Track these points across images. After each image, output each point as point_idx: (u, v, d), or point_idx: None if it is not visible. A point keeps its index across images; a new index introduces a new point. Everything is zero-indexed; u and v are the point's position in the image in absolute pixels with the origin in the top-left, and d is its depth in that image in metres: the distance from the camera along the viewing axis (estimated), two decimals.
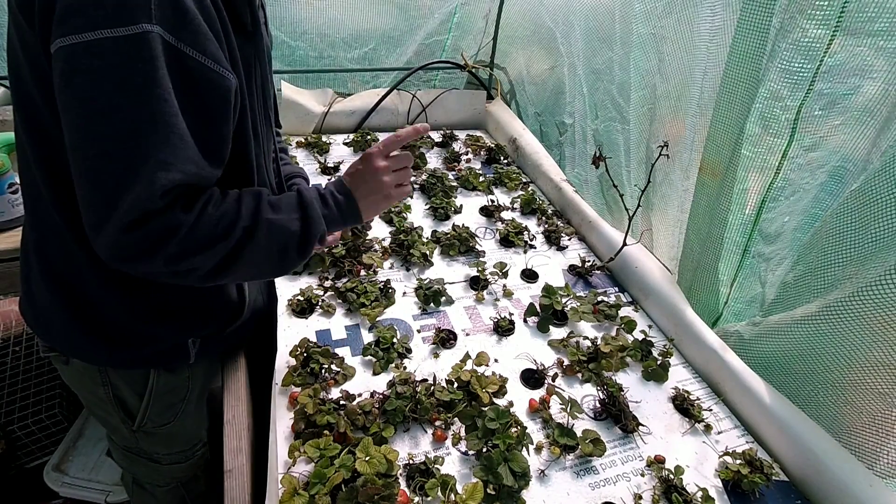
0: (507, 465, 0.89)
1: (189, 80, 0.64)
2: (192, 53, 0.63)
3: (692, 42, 1.20)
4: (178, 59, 0.62)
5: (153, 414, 0.96)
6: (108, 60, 0.58)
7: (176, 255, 0.67)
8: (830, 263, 0.96)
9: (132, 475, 1.14)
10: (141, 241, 0.65)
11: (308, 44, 1.97)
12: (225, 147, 0.72)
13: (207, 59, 0.65)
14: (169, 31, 0.60)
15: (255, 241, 0.73)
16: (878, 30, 0.88)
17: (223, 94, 0.68)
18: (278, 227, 0.75)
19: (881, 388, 0.91)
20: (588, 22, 1.63)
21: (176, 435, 1.03)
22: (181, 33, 0.62)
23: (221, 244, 0.70)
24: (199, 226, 0.68)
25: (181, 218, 0.67)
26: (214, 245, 0.70)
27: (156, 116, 0.61)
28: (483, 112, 2.24)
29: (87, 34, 0.57)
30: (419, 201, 1.70)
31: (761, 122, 1.06)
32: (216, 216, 0.70)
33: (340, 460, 0.86)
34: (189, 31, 0.62)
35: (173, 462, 1.07)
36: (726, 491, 0.97)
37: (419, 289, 1.30)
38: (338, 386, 1.06)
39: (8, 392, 1.48)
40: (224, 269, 0.72)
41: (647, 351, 1.21)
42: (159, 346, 0.89)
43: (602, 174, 1.56)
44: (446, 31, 2.14)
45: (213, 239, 0.70)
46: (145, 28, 0.58)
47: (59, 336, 0.86)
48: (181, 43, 0.62)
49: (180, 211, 0.67)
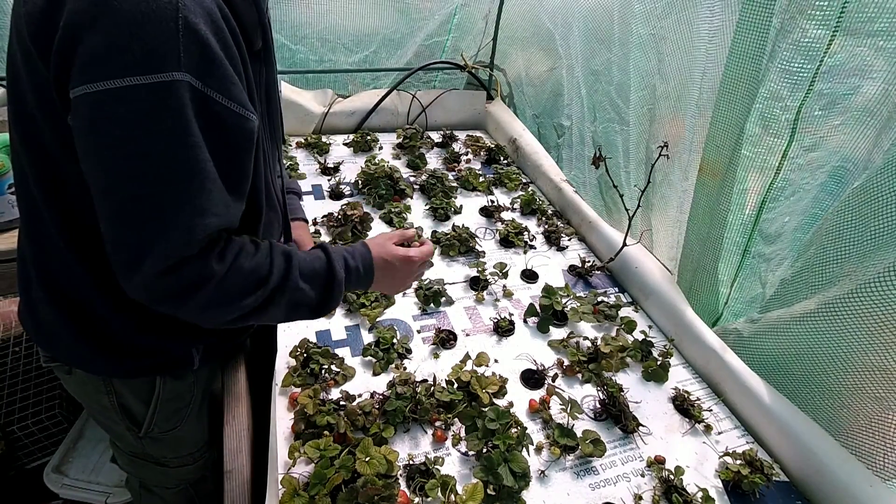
0: (507, 465, 0.89)
1: (216, 124, 0.64)
2: (218, 98, 0.64)
3: (691, 42, 1.20)
4: (206, 104, 0.63)
5: (159, 420, 0.96)
6: (137, 107, 0.58)
7: (205, 304, 0.68)
8: (829, 260, 0.96)
9: (139, 479, 1.14)
10: (173, 286, 0.66)
11: (308, 48, 1.97)
12: (247, 182, 0.73)
13: (233, 104, 0.65)
14: (197, 77, 0.61)
15: (278, 302, 0.75)
16: (878, 30, 0.88)
17: (248, 136, 0.69)
18: (302, 294, 0.78)
19: (877, 393, 0.91)
20: (587, 23, 1.63)
21: (183, 438, 1.03)
22: (208, 80, 0.62)
23: (249, 299, 0.72)
24: (231, 277, 0.69)
25: (214, 268, 0.67)
26: (243, 300, 0.71)
27: (190, 163, 0.62)
28: (483, 112, 2.24)
29: (116, 81, 0.57)
30: (419, 201, 1.70)
31: (761, 122, 1.06)
32: (247, 270, 0.71)
33: (340, 461, 0.86)
34: (216, 77, 0.63)
35: (181, 465, 1.07)
36: (726, 491, 0.97)
37: (419, 289, 1.30)
38: (338, 386, 1.06)
39: (8, 393, 1.48)
40: (246, 319, 0.74)
41: (647, 351, 1.21)
42: (165, 356, 0.89)
43: (601, 175, 1.56)
44: (446, 32, 2.14)
45: (243, 294, 0.71)
46: (175, 77, 0.58)
47: (62, 348, 0.86)
48: (208, 88, 0.62)
49: (214, 260, 0.68)
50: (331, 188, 1.67)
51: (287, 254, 0.78)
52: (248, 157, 0.71)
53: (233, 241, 0.72)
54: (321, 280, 0.81)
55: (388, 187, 1.66)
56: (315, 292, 0.80)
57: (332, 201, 1.63)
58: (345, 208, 1.49)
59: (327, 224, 1.48)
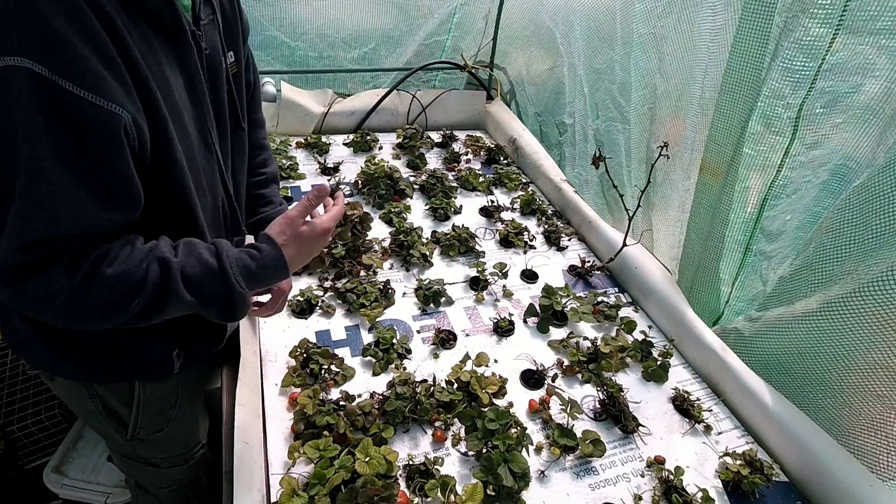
0: (506, 465, 0.89)
1: (69, 116, 0.56)
2: (70, 87, 0.55)
3: (693, 41, 1.20)
4: (53, 93, 0.55)
5: (144, 422, 0.94)
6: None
7: (67, 317, 0.63)
8: (828, 258, 0.96)
9: (134, 479, 1.13)
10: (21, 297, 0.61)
11: (308, 44, 1.97)
12: (130, 187, 0.64)
13: (91, 94, 0.57)
14: (39, 61, 0.53)
15: (166, 308, 0.68)
16: (880, 28, 0.88)
17: (111, 130, 0.59)
18: (191, 305, 0.70)
19: (879, 391, 0.91)
20: (588, 22, 1.63)
21: (172, 439, 1.02)
22: (55, 64, 0.54)
23: (118, 313, 0.65)
24: (87, 290, 0.62)
25: (61, 281, 0.60)
26: (110, 313, 0.64)
27: (21, 161, 0.55)
28: (483, 112, 2.23)
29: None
30: (419, 202, 1.69)
31: (763, 120, 1.06)
32: (111, 278, 0.63)
33: (340, 461, 0.86)
34: (63, 61, 0.54)
35: (173, 465, 1.06)
36: (726, 492, 0.96)
37: (419, 289, 1.30)
38: (337, 387, 1.06)
39: (8, 393, 1.48)
40: (135, 323, 0.67)
41: (647, 351, 1.21)
42: (140, 358, 0.86)
43: (602, 174, 1.56)
44: (446, 31, 2.14)
45: (111, 306, 0.64)
46: (8, 63, 0.52)
47: (37, 356, 0.83)
48: (55, 75, 0.54)
49: (62, 272, 0.61)
50: (331, 188, 1.66)
51: (164, 260, 0.67)
52: (121, 156, 0.61)
53: (93, 247, 0.63)
54: (215, 297, 0.71)
55: (388, 187, 1.65)
56: (211, 307, 0.72)
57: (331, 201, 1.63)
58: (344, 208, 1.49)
59: None
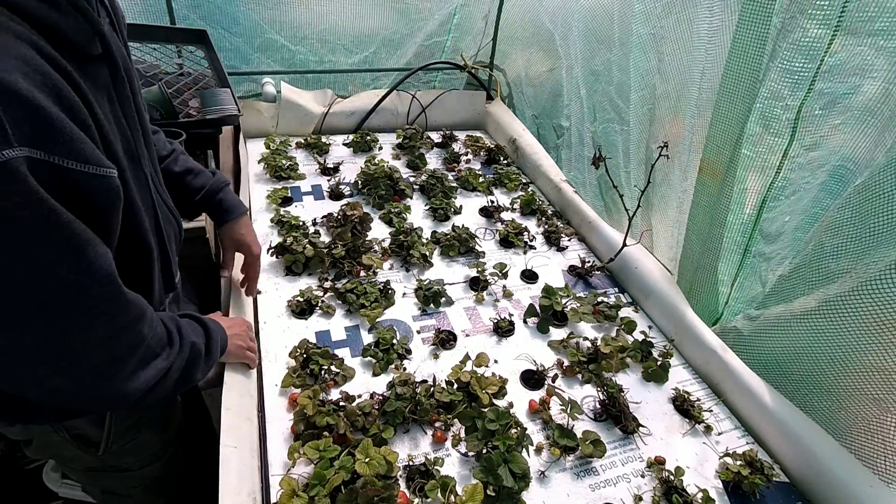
0: (507, 466, 0.89)
1: (75, 193, 0.55)
2: (71, 165, 0.53)
3: (692, 42, 1.20)
4: (57, 175, 0.52)
5: (116, 437, 0.91)
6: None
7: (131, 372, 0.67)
8: (826, 256, 0.96)
9: (100, 487, 1.07)
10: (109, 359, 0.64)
11: (308, 48, 1.97)
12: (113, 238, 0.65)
13: (89, 166, 0.55)
14: (37, 146, 0.49)
15: (180, 360, 0.75)
16: (879, 29, 0.88)
17: (114, 194, 0.60)
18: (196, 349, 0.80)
19: (875, 394, 0.91)
20: (587, 23, 1.63)
21: (144, 443, 0.98)
22: (54, 146, 0.51)
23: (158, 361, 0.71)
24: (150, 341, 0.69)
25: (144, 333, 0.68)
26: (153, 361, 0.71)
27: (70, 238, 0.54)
28: (483, 112, 2.24)
29: None
30: (419, 202, 1.70)
31: (762, 121, 1.06)
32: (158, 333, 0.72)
33: (340, 462, 0.86)
34: (61, 142, 0.52)
35: (144, 465, 1.01)
36: (727, 492, 0.97)
37: (419, 290, 1.30)
38: (337, 387, 1.06)
39: None
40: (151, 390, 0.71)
41: (647, 352, 1.21)
42: None
43: (601, 175, 1.56)
44: (446, 32, 2.14)
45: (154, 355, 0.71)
46: (8, 156, 0.47)
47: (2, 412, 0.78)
48: (55, 157, 0.51)
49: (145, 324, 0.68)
50: (330, 188, 1.67)
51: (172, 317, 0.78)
52: (115, 216, 0.63)
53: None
54: (200, 332, 0.83)
55: (388, 187, 1.66)
56: (200, 341, 0.81)
57: (331, 201, 1.63)
58: (344, 208, 1.49)
59: (327, 224, 1.48)
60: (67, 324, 0.57)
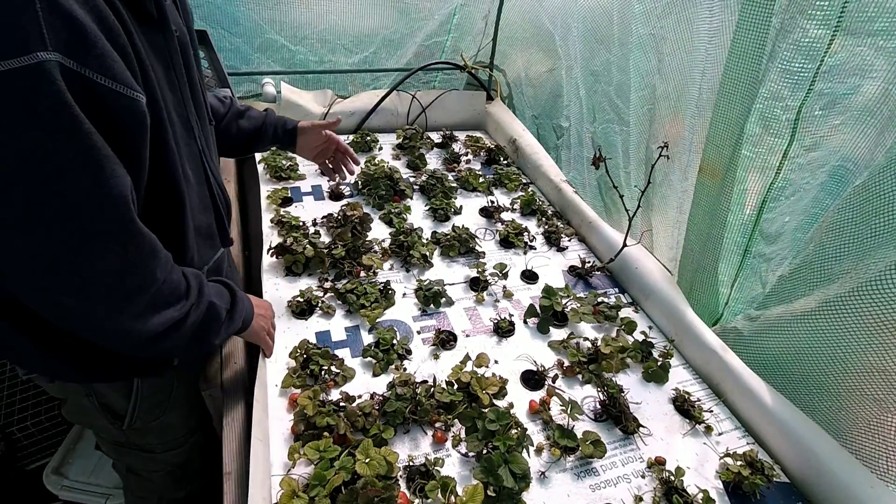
0: (507, 466, 0.89)
1: (102, 109, 0.57)
2: (100, 80, 0.55)
3: (691, 42, 1.20)
4: (85, 87, 0.54)
5: (141, 413, 0.95)
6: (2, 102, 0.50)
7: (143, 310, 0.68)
8: (827, 257, 0.96)
9: (125, 465, 1.14)
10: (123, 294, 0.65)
11: (308, 49, 1.97)
12: (141, 174, 0.67)
13: (118, 84, 0.57)
14: (69, 56, 0.52)
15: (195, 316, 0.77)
16: (878, 29, 0.88)
17: (139, 119, 0.62)
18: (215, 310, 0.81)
19: (876, 394, 0.91)
20: (586, 23, 1.63)
21: (168, 425, 1.03)
22: (84, 58, 0.53)
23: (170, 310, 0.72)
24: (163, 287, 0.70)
25: (157, 276, 0.68)
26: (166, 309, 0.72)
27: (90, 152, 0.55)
28: (483, 113, 2.24)
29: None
30: (419, 202, 1.70)
31: (762, 122, 1.06)
32: (173, 281, 0.73)
33: (340, 462, 0.86)
34: (93, 55, 0.54)
35: (167, 449, 1.06)
36: (727, 492, 0.97)
37: (419, 290, 1.30)
38: (337, 387, 1.06)
39: (8, 394, 1.48)
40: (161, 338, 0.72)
41: (647, 352, 1.21)
42: (137, 358, 0.87)
43: (601, 176, 1.56)
44: (446, 32, 2.14)
45: (168, 304, 0.72)
46: (42, 57, 0.50)
47: (29, 362, 0.83)
48: (85, 69, 0.53)
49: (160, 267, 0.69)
50: (330, 189, 1.67)
51: (196, 274, 0.79)
52: (141, 145, 0.64)
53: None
54: (226, 297, 0.84)
55: (388, 188, 1.66)
56: (223, 305, 0.82)
57: (331, 202, 1.63)
58: (344, 209, 1.49)
59: (327, 224, 1.48)
60: (79, 239, 0.59)
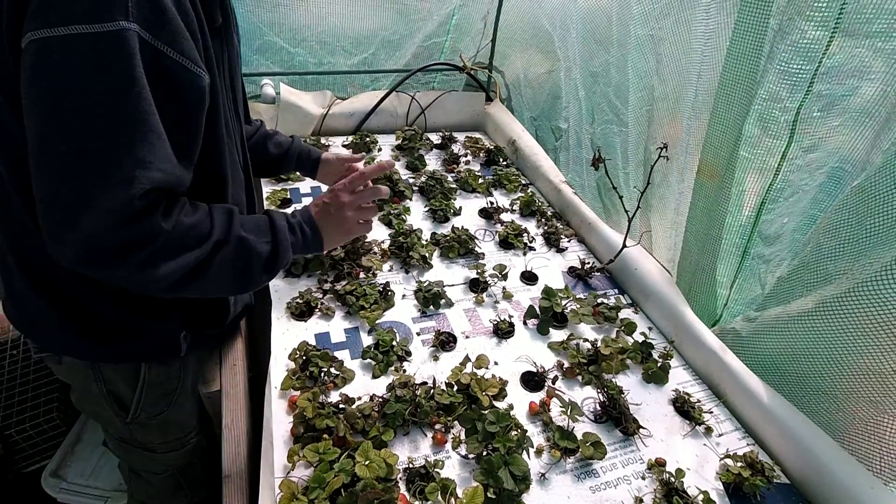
0: (507, 468, 0.88)
1: (166, 79, 0.64)
2: (169, 53, 0.63)
3: (690, 44, 1.20)
4: (156, 57, 0.62)
5: (146, 405, 0.96)
6: (83, 57, 0.58)
7: (145, 262, 0.67)
8: (824, 257, 0.96)
9: (129, 464, 1.14)
10: (115, 244, 0.64)
11: (307, 50, 1.97)
12: (196, 147, 0.73)
13: (184, 59, 0.65)
14: (147, 28, 0.60)
15: (223, 256, 0.75)
16: (877, 31, 0.88)
17: (199, 94, 0.69)
18: (248, 246, 0.79)
19: (872, 396, 0.91)
20: (585, 24, 1.63)
21: (170, 423, 1.04)
22: (159, 33, 0.62)
23: (190, 254, 0.71)
24: (174, 233, 0.69)
25: (162, 225, 0.67)
26: (182, 254, 0.70)
27: (133, 114, 0.61)
28: (482, 114, 2.24)
29: (62, 29, 0.56)
30: (418, 203, 1.69)
31: (760, 123, 1.06)
32: (187, 225, 0.71)
33: (340, 464, 0.86)
34: (167, 31, 0.63)
35: (168, 450, 1.07)
36: (727, 493, 0.97)
37: (418, 291, 1.30)
38: (337, 389, 1.06)
39: (5, 396, 1.47)
40: (188, 281, 0.72)
41: (647, 353, 1.21)
42: (149, 340, 0.89)
43: (600, 177, 1.56)
44: (445, 33, 2.14)
45: (184, 248, 0.71)
46: (122, 25, 0.58)
47: (48, 336, 0.87)
48: (158, 42, 0.62)
49: (161, 217, 0.67)
50: None
51: (228, 209, 0.79)
52: (198, 118, 0.71)
53: (179, 198, 0.73)
54: (264, 229, 0.82)
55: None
56: (261, 241, 0.80)
57: None
58: None
59: None
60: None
